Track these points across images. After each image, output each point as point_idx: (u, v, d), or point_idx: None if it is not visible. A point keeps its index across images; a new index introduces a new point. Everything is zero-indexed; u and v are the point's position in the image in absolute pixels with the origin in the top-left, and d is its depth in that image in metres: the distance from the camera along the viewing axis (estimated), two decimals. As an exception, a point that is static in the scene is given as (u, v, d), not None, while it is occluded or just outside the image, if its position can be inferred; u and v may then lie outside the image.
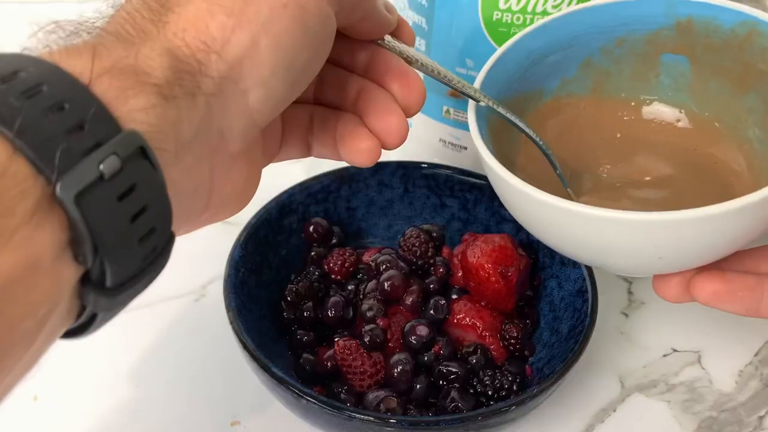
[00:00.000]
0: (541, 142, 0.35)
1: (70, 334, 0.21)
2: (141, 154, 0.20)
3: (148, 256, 0.21)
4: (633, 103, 0.39)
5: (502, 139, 0.35)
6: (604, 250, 0.30)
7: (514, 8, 0.39)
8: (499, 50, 0.36)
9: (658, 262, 0.30)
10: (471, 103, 0.34)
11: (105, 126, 0.20)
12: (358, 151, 0.31)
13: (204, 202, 0.26)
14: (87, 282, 0.20)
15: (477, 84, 0.34)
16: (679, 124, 0.38)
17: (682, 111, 0.38)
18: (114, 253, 0.20)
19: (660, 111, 0.39)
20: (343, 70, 0.32)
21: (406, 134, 0.31)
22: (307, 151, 0.34)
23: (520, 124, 0.35)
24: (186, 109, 0.23)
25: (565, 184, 0.36)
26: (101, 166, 0.19)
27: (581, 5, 0.37)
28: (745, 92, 0.35)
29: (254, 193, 0.30)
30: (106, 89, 0.20)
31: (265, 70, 0.25)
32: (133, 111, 0.21)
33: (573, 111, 0.40)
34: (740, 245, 0.30)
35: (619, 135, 0.39)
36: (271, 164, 0.32)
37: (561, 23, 0.37)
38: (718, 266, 0.31)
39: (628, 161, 0.38)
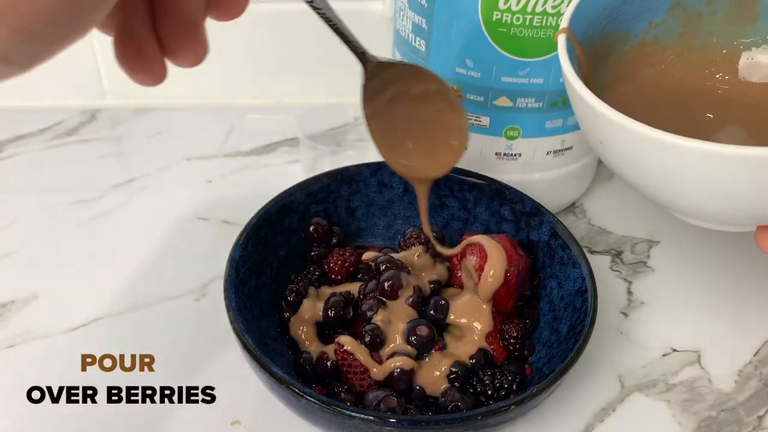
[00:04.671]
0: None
1: None
2: None
3: None
4: (725, 51, 0.35)
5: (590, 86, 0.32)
6: (722, 194, 0.27)
7: (514, 8, 0.39)
8: None
9: None
10: (561, 40, 0.31)
11: None
12: (139, 71, 0.25)
13: None
14: None
15: (566, 19, 0.32)
16: None
17: None
18: None
19: (756, 59, 0.35)
20: None
21: (203, 56, 0.25)
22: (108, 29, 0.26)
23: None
24: None
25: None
26: None
27: None
28: None
29: None
30: None
31: None
32: None
33: (658, 66, 0.36)
34: None
35: (713, 85, 0.35)
36: (270, 164, 0.30)
37: None
38: None
39: (723, 121, 0.34)
